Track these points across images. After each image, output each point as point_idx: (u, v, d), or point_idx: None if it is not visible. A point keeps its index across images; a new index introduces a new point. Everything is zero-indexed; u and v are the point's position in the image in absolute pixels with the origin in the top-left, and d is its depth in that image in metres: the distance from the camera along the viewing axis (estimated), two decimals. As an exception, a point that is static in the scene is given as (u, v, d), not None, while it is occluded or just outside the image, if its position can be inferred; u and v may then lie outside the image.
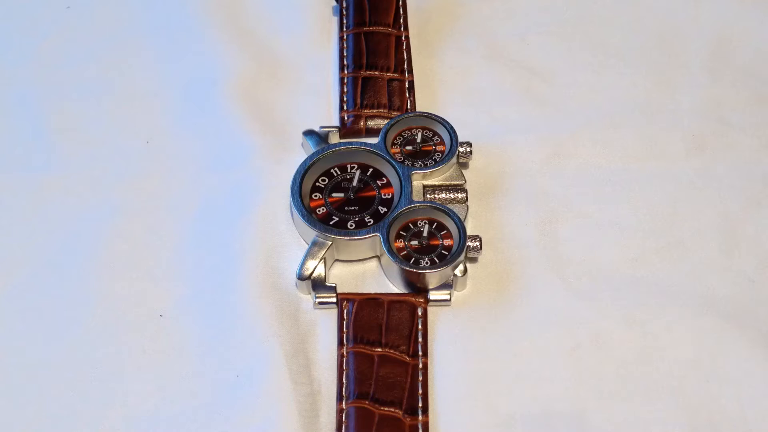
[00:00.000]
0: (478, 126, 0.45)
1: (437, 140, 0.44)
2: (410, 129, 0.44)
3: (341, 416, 0.37)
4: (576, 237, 0.42)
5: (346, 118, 0.45)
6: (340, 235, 0.40)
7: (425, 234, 0.41)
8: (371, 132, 0.45)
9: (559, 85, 0.47)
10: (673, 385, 0.38)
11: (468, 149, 0.43)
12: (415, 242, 0.41)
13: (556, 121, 0.46)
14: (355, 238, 0.40)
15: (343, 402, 0.37)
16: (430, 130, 0.44)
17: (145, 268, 0.41)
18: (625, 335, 0.39)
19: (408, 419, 0.37)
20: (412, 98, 0.46)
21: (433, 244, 0.40)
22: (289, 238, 0.42)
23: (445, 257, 0.40)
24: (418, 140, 0.43)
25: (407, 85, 0.46)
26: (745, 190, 0.43)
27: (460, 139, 0.43)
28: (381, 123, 0.44)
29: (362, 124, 0.45)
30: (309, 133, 0.44)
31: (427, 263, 0.40)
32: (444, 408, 0.38)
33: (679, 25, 0.49)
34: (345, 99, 0.46)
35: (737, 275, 0.41)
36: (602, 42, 0.49)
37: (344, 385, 0.38)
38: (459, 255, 0.40)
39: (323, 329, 0.40)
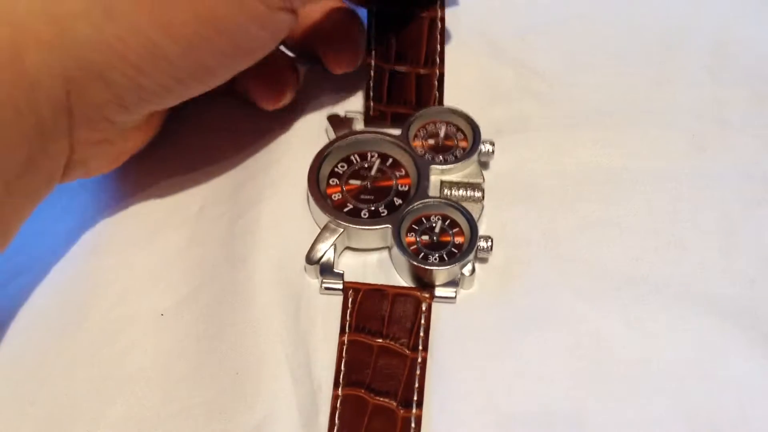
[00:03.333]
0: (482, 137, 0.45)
1: (460, 136, 0.43)
2: (434, 122, 0.44)
3: (336, 402, 0.37)
4: (576, 237, 0.42)
5: (371, 106, 0.44)
6: (352, 224, 0.40)
7: (437, 230, 0.41)
8: (396, 120, 0.44)
9: (559, 84, 0.47)
10: (673, 385, 0.38)
11: (490, 148, 0.43)
12: (426, 237, 0.41)
13: (557, 121, 0.46)
14: (367, 228, 0.40)
15: (339, 389, 0.37)
16: (454, 125, 0.44)
17: (145, 267, 0.41)
18: (625, 335, 0.39)
19: (402, 411, 0.37)
20: (440, 92, 0.45)
21: (444, 241, 0.40)
22: (297, 234, 0.42)
23: (454, 255, 0.40)
24: (441, 135, 0.43)
25: (437, 78, 0.45)
26: (745, 190, 0.43)
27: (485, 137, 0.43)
28: (406, 112, 0.44)
29: (388, 118, 0.44)
30: (333, 118, 0.44)
31: (435, 259, 0.40)
32: (440, 404, 0.38)
33: (679, 25, 0.49)
34: (372, 86, 0.45)
35: (737, 275, 0.41)
36: (602, 42, 0.49)
37: (342, 372, 0.38)
38: (468, 254, 0.40)
39: (325, 328, 0.39)
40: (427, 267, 0.39)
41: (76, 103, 0.34)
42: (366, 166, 0.43)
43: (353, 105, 0.46)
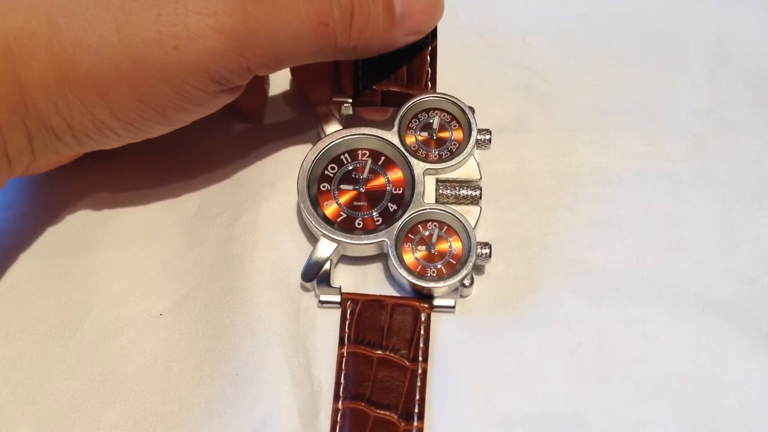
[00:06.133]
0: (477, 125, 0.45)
1: (455, 125, 0.41)
2: (427, 111, 0.42)
3: (336, 416, 0.37)
4: (576, 237, 0.42)
5: (360, 86, 0.42)
6: (348, 240, 0.39)
7: (434, 240, 0.40)
8: (387, 100, 0.42)
9: (560, 84, 0.47)
10: (673, 385, 0.38)
11: (487, 137, 0.41)
12: (422, 249, 0.40)
13: (557, 121, 0.46)
14: (363, 243, 0.40)
15: (340, 402, 0.37)
16: (449, 113, 0.42)
17: (143, 267, 0.41)
18: (625, 335, 0.39)
19: (403, 424, 0.37)
20: (433, 69, 0.42)
21: (441, 252, 0.40)
22: (295, 234, 0.42)
23: (452, 266, 0.39)
24: (435, 126, 0.41)
25: (429, 52, 0.42)
26: (745, 190, 0.43)
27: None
28: (398, 90, 0.41)
29: (378, 96, 0.42)
30: (320, 109, 0.42)
31: (433, 273, 0.39)
32: (441, 410, 0.38)
33: (679, 25, 0.49)
34: (360, 66, 0.42)
35: (737, 275, 0.41)
36: (602, 42, 0.49)
37: (342, 385, 0.38)
38: (467, 266, 0.39)
39: (324, 328, 0.39)
40: (425, 284, 0.39)
41: (37, 147, 0.36)
42: (358, 167, 0.41)
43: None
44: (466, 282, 0.39)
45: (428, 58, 0.42)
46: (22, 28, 0.34)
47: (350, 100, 0.42)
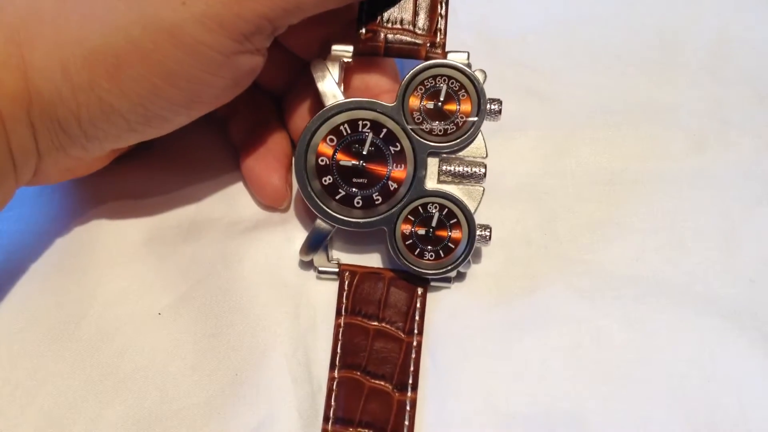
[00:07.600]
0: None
1: (463, 95, 0.38)
2: (434, 78, 0.38)
3: (332, 384, 0.37)
4: (576, 237, 0.42)
5: (364, 32, 0.39)
6: (345, 225, 0.39)
7: (434, 224, 0.39)
8: (390, 47, 0.38)
9: (560, 84, 0.47)
10: (673, 385, 0.38)
11: (497, 107, 0.39)
12: (422, 231, 0.39)
13: (557, 121, 0.46)
14: (361, 229, 0.39)
15: (336, 371, 0.38)
16: (458, 81, 0.38)
17: (142, 265, 0.41)
18: (625, 335, 0.39)
19: (397, 394, 0.37)
20: (444, 16, 0.39)
21: (440, 236, 0.39)
22: (295, 233, 0.42)
23: (451, 250, 0.39)
24: (442, 97, 0.38)
25: None
26: (745, 190, 0.44)
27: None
28: (403, 38, 0.38)
29: (381, 41, 0.39)
30: (314, 65, 0.39)
31: (431, 257, 0.39)
32: (436, 394, 0.38)
33: (679, 25, 0.49)
34: (363, 9, 0.39)
35: (737, 275, 0.41)
36: (602, 42, 0.49)
37: (338, 355, 0.38)
38: (464, 259, 0.39)
39: (324, 326, 0.40)
40: (423, 270, 0.39)
41: (43, 143, 0.35)
42: (359, 138, 0.38)
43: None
44: (463, 268, 0.40)
45: (440, 5, 0.39)
46: (31, 6, 0.33)
47: (351, 49, 0.39)
